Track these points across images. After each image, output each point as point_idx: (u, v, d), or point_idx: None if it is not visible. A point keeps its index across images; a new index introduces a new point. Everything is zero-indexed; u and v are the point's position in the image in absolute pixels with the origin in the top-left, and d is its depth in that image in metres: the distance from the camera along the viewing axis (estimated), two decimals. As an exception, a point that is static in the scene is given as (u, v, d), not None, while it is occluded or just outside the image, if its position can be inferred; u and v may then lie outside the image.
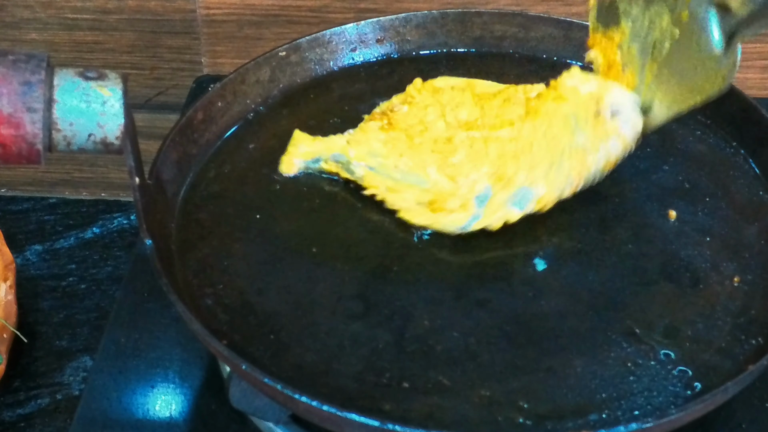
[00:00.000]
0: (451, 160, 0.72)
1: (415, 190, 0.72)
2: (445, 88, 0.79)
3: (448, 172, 0.72)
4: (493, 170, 0.71)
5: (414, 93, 0.79)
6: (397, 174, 0.73)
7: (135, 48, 1.05)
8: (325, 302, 0.67)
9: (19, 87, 0.58)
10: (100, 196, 1.11)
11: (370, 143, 0.75)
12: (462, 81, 0.81)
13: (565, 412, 0.61)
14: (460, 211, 0.71)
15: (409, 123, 0.76)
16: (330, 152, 0.76)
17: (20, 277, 0.95)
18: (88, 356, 0.90)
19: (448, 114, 0.76)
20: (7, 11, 1.02)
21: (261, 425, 0.70)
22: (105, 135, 0.61)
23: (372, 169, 0.74)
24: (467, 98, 0.77)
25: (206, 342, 0.62)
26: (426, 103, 0.77)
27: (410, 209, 0.72)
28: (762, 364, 0.62)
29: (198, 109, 0.79)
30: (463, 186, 0.71)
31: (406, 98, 0.79)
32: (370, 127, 0.76)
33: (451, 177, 0.72)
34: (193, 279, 0.69)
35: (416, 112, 0.77)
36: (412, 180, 0.72)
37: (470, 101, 0.77)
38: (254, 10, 1.02)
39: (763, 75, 1.03)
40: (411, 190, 0.72)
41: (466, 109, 0.76)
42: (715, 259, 0.71)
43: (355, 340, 0.65)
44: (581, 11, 0.99)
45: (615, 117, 0.72)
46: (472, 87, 0.79)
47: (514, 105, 0.75)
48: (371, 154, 0.74)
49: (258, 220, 0.74)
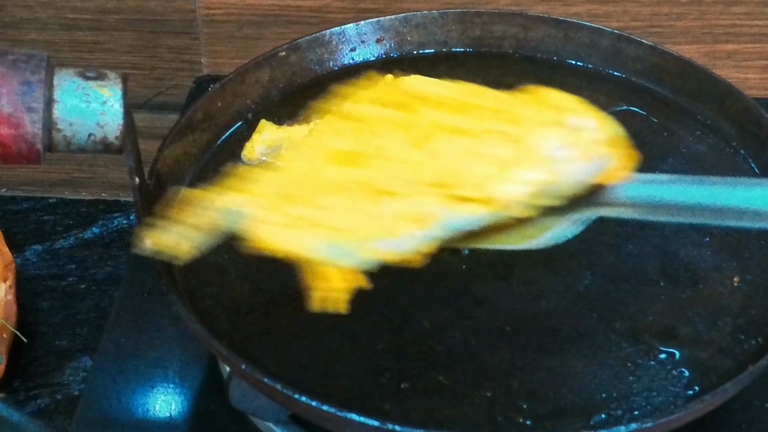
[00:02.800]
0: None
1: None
2: (416, 87, 0.77)
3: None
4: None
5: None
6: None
7: (135, 48, 1.05)
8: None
9: (18, 87, 0.58)
10: (100, 196, 1.11)
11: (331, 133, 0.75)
12: (433, 81, 0.77)
13: (565, 412, 0.61)
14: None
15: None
16: (292, 141, 0.77)
17: (20, 277, 0.95)
18: (88, 356, 0.90)
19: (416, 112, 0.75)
20: (6, 11, 1.02)
21: (261, 425, 0.70)
22: (105, 135, 0.61)
23: None
24: (436, 98, 0.76)
25: (206, 342, 0.62)
26: (398, 101, 0.77)
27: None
28: (762, 364, 0.62)
29: (198, 109, 0.79)
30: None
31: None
32: (334, 119, 0.77)
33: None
34: (193, 279, 0.69)
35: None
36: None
37: (439, 101, 0.76)
38: (254, 10, 1.02)
39: (763, 75, 1.03)
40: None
41: (434, 108, 0.75)
42: (715, 259, 0.71)
43: (355, 340, 0.65)
44: (581, 11, 0.99)
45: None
46: (443, 87, 0.77)
47: (486, 109, 0.73)
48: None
49: (258, 220, 0.74)
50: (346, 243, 0.54)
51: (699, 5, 0.99)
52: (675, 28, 1.00)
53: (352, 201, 0.55)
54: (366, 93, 0.68)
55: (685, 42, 1.01)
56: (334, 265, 0.54)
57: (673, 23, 1.00)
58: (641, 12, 1.00)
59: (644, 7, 0.99)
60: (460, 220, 0.56)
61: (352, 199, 0.55)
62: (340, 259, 0.54)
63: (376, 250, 0.54)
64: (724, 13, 0.99)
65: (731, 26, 1.00)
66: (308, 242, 0.54)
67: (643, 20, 1.00)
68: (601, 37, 0.87)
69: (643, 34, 0.88)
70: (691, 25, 1.00)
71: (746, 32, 1.00)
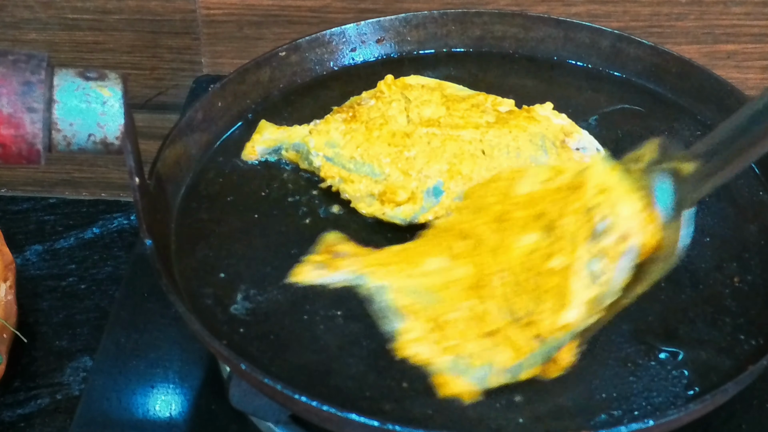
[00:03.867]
0: (405, 154, 0.74)
1: (368, 181, 0.74)
2: (415, 86, 0.81)
3: (401, 166, 0.73)
4: (447, 167, 0.73)
5: (384, 88, 0.80)
6: (352, 164, 0.74)
7: (135, 48, 1.05)
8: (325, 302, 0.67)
9: (19, 87, 0.58)
10: (100, 196, 1.11)
11: (330, 134, 0.76)
12: (433, 81, 0.82)
13: (565, 412, 0.61)
14: (408, 204, 0.72)
15: (372, 116, 0.77)
16: (291, 141, 0.78)
17: (20, 277, 0.95)
18: (88, 356, 0.90)
19: (413, 110, 0.78)
20: (7, 11, 1.02)
21: (261, 425, 0.70)
22: (105, 135, 0.61)
23: (329, 160, 0.75)
24: (435, 97, 0.79)
25: (206, 342, 0.62)
26: (393, 98, 0.79)
27: (362, 199, 0.73)
28: (762, 364, 0.62)
29: (198, 109, 0.79)
30: (414, 180, 0.73)
31: (376, 93, 0.80)
32: (334, 119, 0.78)
33: (403, 171, 0.73)
34: (193, 279, 0.69)
35: (381, 106, 0.78)
36: (365, 171, 0.74)
37: (438, 100, 0.79)
38: (254, 11, 1.02)
39: (763, 75, 1.03)
40: (364, 181, 0.74)
41: (432, 107, 0.78)
42: (715, 259, 0.71)
43: (355, 340, 0.65)
44: (581, 11, 0.99)
45: (579, 151, 0.76)
46: (442, 88, 0.81)
47: (482, 111, 0.77)
48: (329, 145, 0.76)
49: (258, 220, 0.74)
50: (473, 367, 0.62)
51: (699, 5, 0.99)
52: (675, 28, 1.00)
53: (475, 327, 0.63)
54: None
55: (686, 42, 1.01)
56: (458, 378, 0.62)
57: (674, 23, 1.00)
58: (641, 12, 1.00)
59: (644, 7, 0.99)
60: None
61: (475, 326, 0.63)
62: (464, 377, 0.62)
63: (498, 377, 0.62)
64: (724, 14, 0.99)
65: (731, 26, 1.00)
66: (443, 361, 0.62)
67: (644, 20, 1.00)
68: (602, 37, 0.88)
69: (644, 35, 0.88)
70: (691, 26, 1.00)
71: (746, 32, 1.00)
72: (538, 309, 0.62)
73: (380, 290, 0.65)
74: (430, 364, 0.62)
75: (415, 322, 0.63)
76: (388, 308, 0.65)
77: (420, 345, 0.63)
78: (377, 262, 0.67)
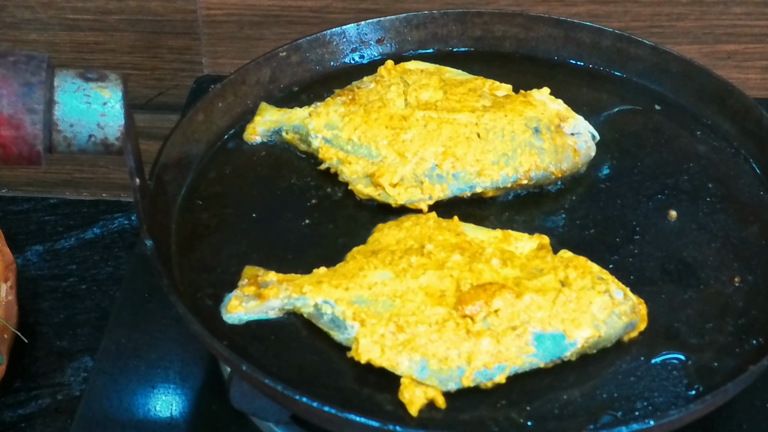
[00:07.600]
0: (402, 137, 0.74)
1: (365, 163, 0.74)
2: (414, 70, 0.82)
3: (397, 148, 0.74)
4: (443, 149, 0.74)
5: (384, 73, 0.81)
6: (350, 146, 0.75)
7: (135, 48, 1.05)
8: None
9: (19, 88, 0.58)
10: (101, 197, 1.11)
11: (329, 116, 0.77)
12: (432, 66, 0.83)
13: (565, 412, 0.61)
14: (403, 186, 0.73)
15: (371, 99, 0.78)
16: (291, 123, 0.79)
17: (21, 277, 0.95)
18: (89, 356, 0.90)
19: (411, 94, 0.78)
20: (7, 12, 1.02)
21: (261, 426, 0.70)
22: (105, 136, 0.61)
23: (328, 142, 0.76)
24: (434, 81, 0.80)
25: (207, 343, 0.62)
26: (392, 82, 0.80)
27: (359, 180, 0.74)
28: (762, 364, 0.62)
29: (198, 110, 0.79)
30: (410, 162, 0.73)
31: (376, 77, 0.81)
32: (334, 102, 0.79)
33: (399, 152, 0.74)
34: (193, 279, 0.69)
35: (380, 89, 0.79)
36: (362, 153, 0.75)
37: (436, 84, 0.79)
38: (255, 11, 1.02)
39: (763, 75, 1.03)
40: (361, 162, 0.75)
41: (430, 91, 0.79)
42: (716, 259, 0.71)
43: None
44: (581, 11, 0.99)
45: (574, 136, 0.77)
46: (441, 72, 0.82)
47: (479, 96, 0.78)
48: (328, 127, 0.77)
49: (258, 220, 0.74)
50: (442, 371, 0.62)
51: (700, 5, 0.99)
52: (676, 28, 1.00)
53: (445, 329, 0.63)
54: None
55: (686, 42, 1.01)
56: (424, 384, 0.62)
57: (674, 23, 1.00)
58: (642, 12, 1.00)
59: (645, 7, 0.99)
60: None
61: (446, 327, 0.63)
62: (431, 381, 0.62)
63: (468, 379, 0.62)
64: (724, 14, 0.99)
65: (732, 26, 1.00)
66: (407, 364, 0.62)
67: (644, 20, 1.00)
68: (602, 37, 0.87)
69: (644, 35, 0.88)
70: (691, 26, 1.00)
71: (747, 32, 1.00)
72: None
73: (325, 305, 0.65)
74: (394, 367, 0.62)
75: (375, 325, 0.63)
76: (340, 319, 0.64)
77: (380, 347, 0.62)
78: (310, 282, 0.66)
